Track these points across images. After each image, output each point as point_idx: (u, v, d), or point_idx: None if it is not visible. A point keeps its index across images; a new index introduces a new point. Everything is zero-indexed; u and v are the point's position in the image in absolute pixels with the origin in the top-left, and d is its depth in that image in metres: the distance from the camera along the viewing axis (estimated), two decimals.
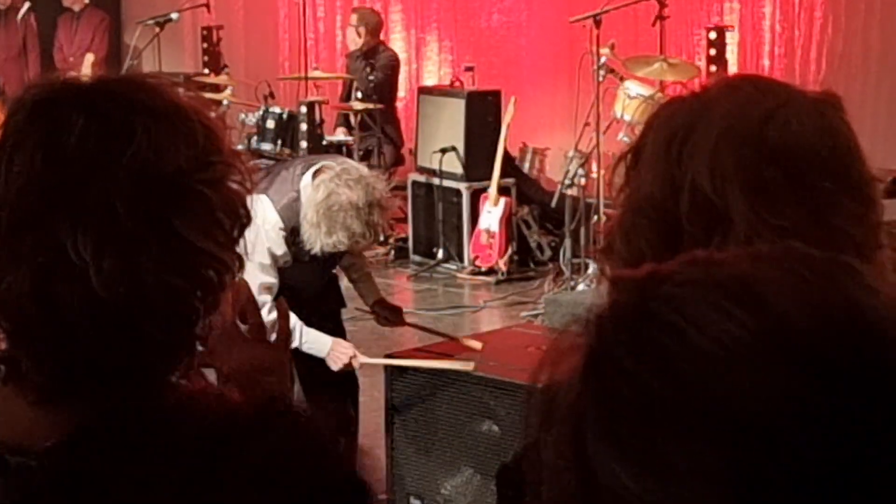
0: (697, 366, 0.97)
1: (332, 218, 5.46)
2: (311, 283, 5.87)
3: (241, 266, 1.74)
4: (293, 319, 5.60)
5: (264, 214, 5.56)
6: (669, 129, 1.62)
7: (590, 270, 9.79)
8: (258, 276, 5.53)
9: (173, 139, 1.65)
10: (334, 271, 6.19)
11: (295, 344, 5.61)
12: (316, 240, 5.51)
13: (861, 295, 0.99)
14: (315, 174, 5.62)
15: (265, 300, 5.56)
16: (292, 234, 5.61)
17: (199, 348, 1.72)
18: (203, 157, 1.66)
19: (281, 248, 5.59)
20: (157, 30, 11.03)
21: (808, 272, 1.00)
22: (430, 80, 13.41)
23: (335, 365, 5.80)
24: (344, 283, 6.37)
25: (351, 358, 5.84)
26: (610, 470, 0.98)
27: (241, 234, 1.72)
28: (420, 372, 5.89)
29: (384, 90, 12.16)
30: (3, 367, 1.70)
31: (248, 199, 1.74)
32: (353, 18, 12.52)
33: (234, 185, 1.71)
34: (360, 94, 12.02)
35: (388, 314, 6.29)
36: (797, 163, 1.57)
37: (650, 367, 0.98)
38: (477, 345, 6.26)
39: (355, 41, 12.35)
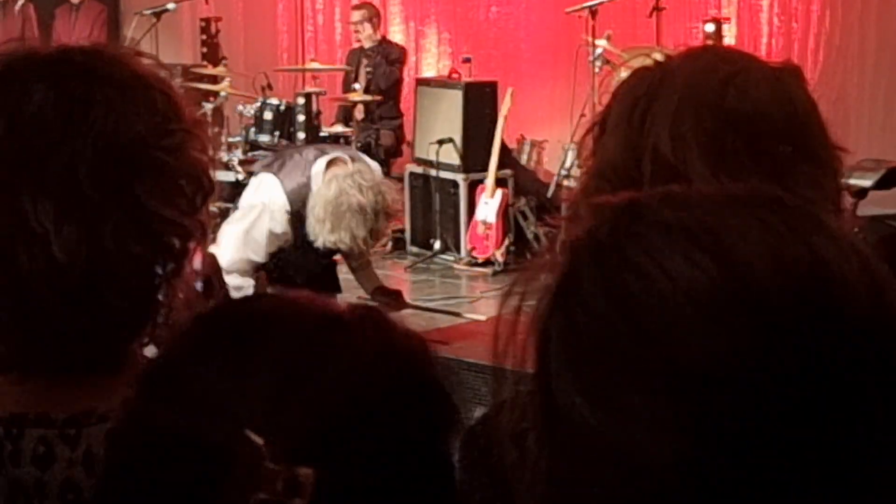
0: (659, 311, 0.97)
1: (339, 217, 5.48)
2: (308, 267, 5.90)
3: (205, 234, 1.74)
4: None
5: (272, 195, 5.60)
6: (632, 96, 1.64)
7: None
8: (248, 253, 5.60)
9: (133, 107, 1.65)
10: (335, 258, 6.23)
11: None
12: (319, 234, 5.54)
13: (825, 248, 1.00)
14: (328, 164, 5.63)
15: (248, 282, 5.63)
16: (297, 219, 5.64)
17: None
18: (163, 125, 1.67)
19: (281, 228, 5.63)
20: (154, 20, 11.01)
21: (776, 220, 1.01)
22: (428, 72, 13.41)
23: None
24: (344, 269, 6.39)
25: None
26: (569, 398, 0.99)
27: (205, 201, 1.72)
28: None
29: (395, 84, 12.23)
30: None
31: (211, 167, 1.75)
32: (361, 14, 12.51)
33: (196, 154, 1.71)
34: (356, 86, 12.04)
35: (389, 299, 6.32)
36: (755, 127, 1.59)
37: (614, 306, 0.99)
38: (480, 317, 6.30)
39: (371, 37, 12.36)
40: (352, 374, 1.21)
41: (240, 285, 5.71)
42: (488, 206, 10.85)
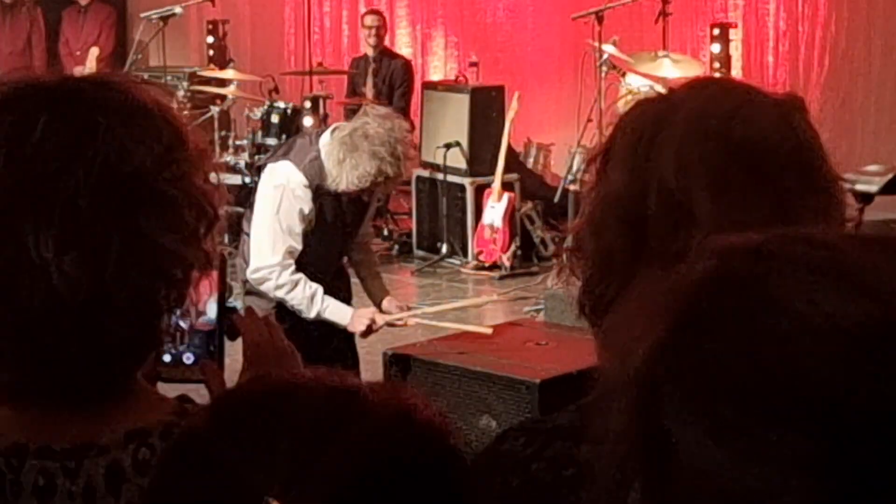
0: (813, 348, 0.95)
1: (358, 147, 5.44)
2: (325, 263, 5.85)
3: (209, 263, 1.73)
4: (313, 285, 5.66)
5: (288, 175, 5.55)
6: (637, 127, 1.64)
7: None
8: (286, 238, 5.56)
9: (136, 137, 1.65)
10: (344, 261, 6.17)
11: (315, 311, 5.66)
12: (341, 175, 5.47)
13: None
14: (333, 130, 5.66)
15: (289, 263, 5.61)
16: (316, 195, 5.61)
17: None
18: (167, 155, 1.66)
19: (308, 205, 5.59)
20: (162, 24, 11.03)
21: None
22: (435, 76, 13.43)
23: (359, 328, 5.82)
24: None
25: (371, 320, 5.86)
26: (693, 441, 0.96)
27: (209, 230, 1.71)
28: (418, 365, 5.93)
29: (406, 96, 12.27)
30: None
31: (216, 196, 1.74)
32: (378, 20, 12.53)
33: (200, 183, 1.70)
34: (365, 91, 12.09)
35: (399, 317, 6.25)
36: (760, 160, 1.59)
37: (758, 345, 0.96)
38: (487, 330, 6.30)
39: (377, 46, 12.39)
40: (370, 445, 1.23)
41: (287, 281, 5.65)
42: (495, 209, 10.86)
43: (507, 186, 10.95)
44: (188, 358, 2.11)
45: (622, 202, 1.61)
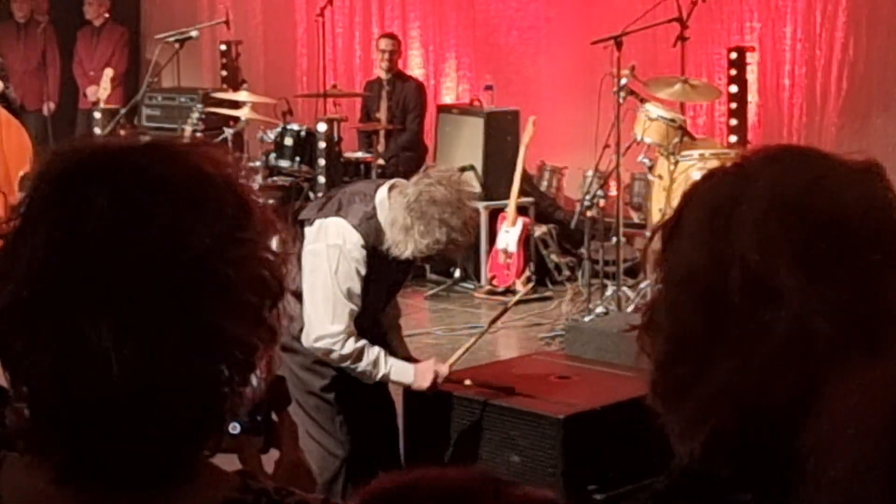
0: None
1: (429, 215, 5.09)
2: (370, 321, 5.57)
3: (275, 339, 1.68)
4: (375, 349, 5.41)
5: (345, 235, 5.17)
6: (711, 202, 1.58)
7: (608, 293, 9.76)
8: (346, 303, 5.21)
9: (199, 216, 1.60)
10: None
11: (380, 374, 5.45)
12: (407, 243, 5.15)
13: None
14: (390, 189, 5.35)
15: (353, 330, 5.34)
16: (371, 255, 5.32)
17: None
18: (230, 234, 1.61)
19: (364, 267, 5.27)
20: (177, 46, 11.00)
21: None
22: (447, 97, 13.40)
23: (424, 384, 5.61)
24: None
25: (435, 373, 5.66)
26: None
27: (274, 306, 1.66)
28: (446, 400, 5.86)
29: (419, 119, 12.26)
30: (23, 439, 1.67)
31: (285, 265, 1.69)
32: (393, 44, 12.50)
33: (265, 255, 1.65)
34: (379, 116, 12.08)
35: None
36: (844, 234, 1.54)
37: None
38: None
39: (391, 69, 12.37)
40: None
41: (353, 350, 5.36)
42: (509, 234, 10.82)
43: (521, 211, 10.92)
44: (234, 427, 2.07)
45: (699, 279, 1.56)
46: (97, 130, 11.57)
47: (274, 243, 1.69)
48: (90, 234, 1.57)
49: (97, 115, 11.71)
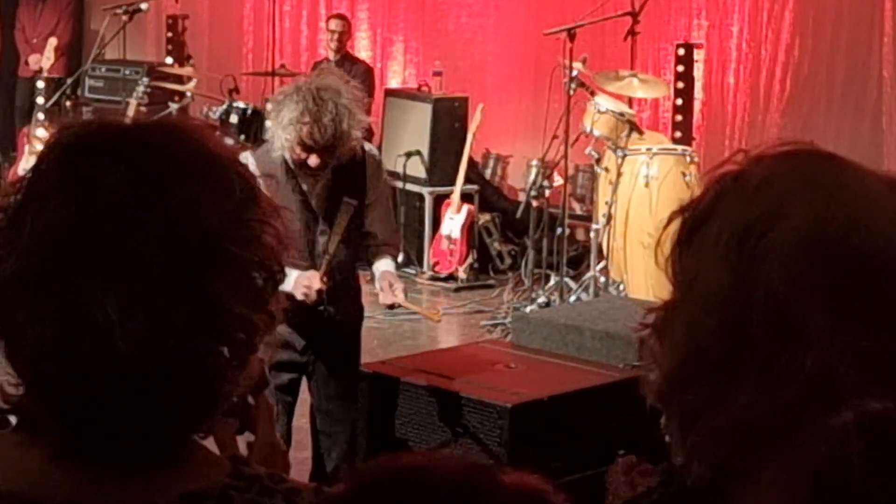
0: None
1: (281, 104, 5.28)
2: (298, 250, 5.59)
3: (273, 325, 1.68)
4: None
5: (247, 160, 5.29)
6: (740, 222, 1.50)
7: (551, 282, 9.79)
8: None
9: (209, 195, 1.60)
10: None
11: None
12: (276, 139, 5.33)
13: None
14: None
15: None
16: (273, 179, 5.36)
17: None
18: (239, 214, 1.62)
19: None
20: (126, 19, 10.90)
21: None
22: (394, 81, 13.37)
23: (297, 294, 5.43)
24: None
25: (308, 286, 5.48)
26: None
27: (275, 290, 1.67)
28: (394, 386, 5.87)
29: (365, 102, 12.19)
30: (16, 415, 1.66)
31: (285, 253, 1.69)
32: (342, 25, 12.45)
33: (270, 240, 1.66)
34: None
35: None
36: (878, 278, 1.47)
37: None
38: (436, 316, 6.43)
39: (339, 50, 12.32)
40: None
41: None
42: (453, 221, 10.83)
43: (466, 198, 10.92)
44: None
45: (721, 303, 1.47)
46: (40, 100, 11.43)
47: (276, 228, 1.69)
48: (102, 207, 1.57)
49: (40, 84, 11.56)
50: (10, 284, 1.58)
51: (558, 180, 10.17)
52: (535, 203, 10.02)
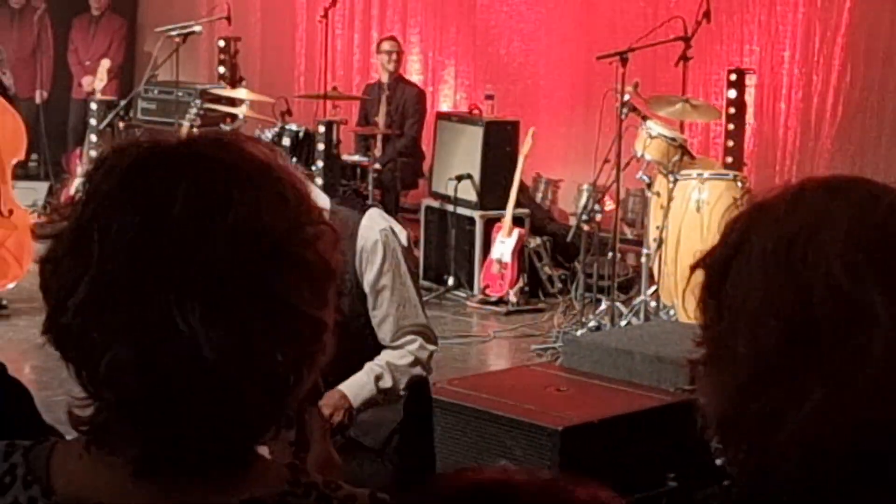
0: None
1: None
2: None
3: (335, 329, 1.71)
4: None
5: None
6: (781, 236, 1.57)
7: (601, 307, 9.78)
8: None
9: (268, 202, 1.63)
10: None
11: None
12: None
13: None
14: None
15: None
16: None
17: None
18: (297, 218, 1.65)
19: None
20: (179, 41, 10.98)
21: None
22: (444, 105, 13.42)
23: (325, 411, 4.61)
24: None
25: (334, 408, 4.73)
26: None
27: (334, 290, 1.70)
28: (444, 408, 5.87)
29: (417, 125, 12.28)
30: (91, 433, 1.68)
31: (342, 261, 1.73)
32: (395, 46, 12.55)
33: (325, 243, 1.69)
34: (377, 119, 12.10)
35: None
36: None
37: None
38: None
39: (392, 73, 12.40)
40: None
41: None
42: (504, 244, 10.84)
43: (517, 221, 10.93)
44: None
45: (780, 306, 1.54)
46: (93, 122, 11.53)
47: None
48: (168, 222, 1.59)
49: (93, 105, 11.67)
50: (83, 307, 1.60)
51: (609, 205, 10.17)
52: (585, 227, 10.03)
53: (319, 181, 10.88)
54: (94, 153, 11.13)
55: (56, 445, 1.74)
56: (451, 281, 11.24)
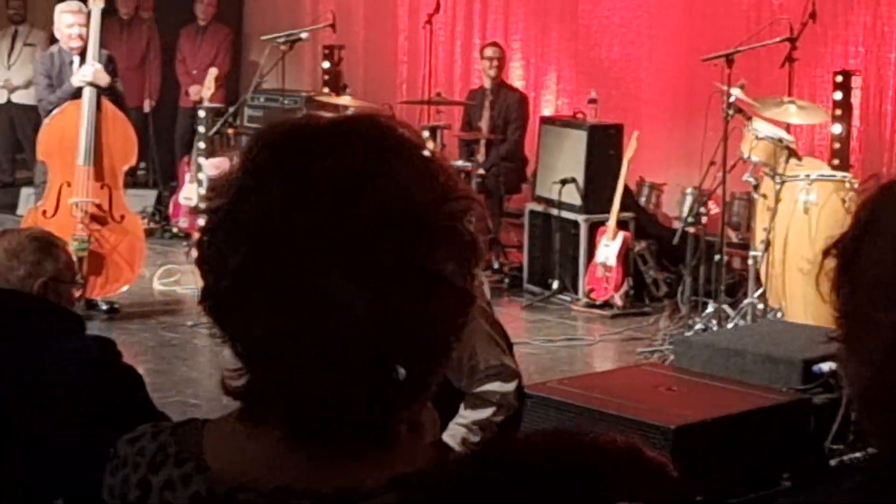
0: None
1: None
2: None
3: (473, 304, 1.71)
4: None
5: None
6: None
7: (708, 309, 9.75)
8: None
9: (417, 177, 1.64)
10: None
11: None
12: None
13: None
14: None
15: None
16: None
17: None
18: (444, 194, 1.65)
19: None
20: (286, 48, 11.08)
21: None
22: (546, 110, 13.43)
23: None
24: None
25: None
26: None
27: (476, 267, 1.69)
28: (555, 407, 5.90)
29: (520, 130, 12.31)
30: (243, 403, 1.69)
31: (484, 237, 1.75)
32: (498, 52, 12.60)
33: (471, 222, 1.69)
34: (480, 124, 12.14)
35: None
36: None
37: None
38: None
39: (494, 78, 12.46)
40: None
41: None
42: (609, 248, 10.82)
43: (621, 225, 10.92)
44: None
45: None
46: (201, 129, 11.67)
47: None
48: (317, 195, 1.60)
49: (201, 113, 11.81)
50: (236, 280, 1.62)
51: (714, 208, 10.13)
52: (691, 230, 10.00)
53: None
54: (202, 160, 11.27)
55: (207, 423, 1.76)
56: (555, 285, 11.24)
